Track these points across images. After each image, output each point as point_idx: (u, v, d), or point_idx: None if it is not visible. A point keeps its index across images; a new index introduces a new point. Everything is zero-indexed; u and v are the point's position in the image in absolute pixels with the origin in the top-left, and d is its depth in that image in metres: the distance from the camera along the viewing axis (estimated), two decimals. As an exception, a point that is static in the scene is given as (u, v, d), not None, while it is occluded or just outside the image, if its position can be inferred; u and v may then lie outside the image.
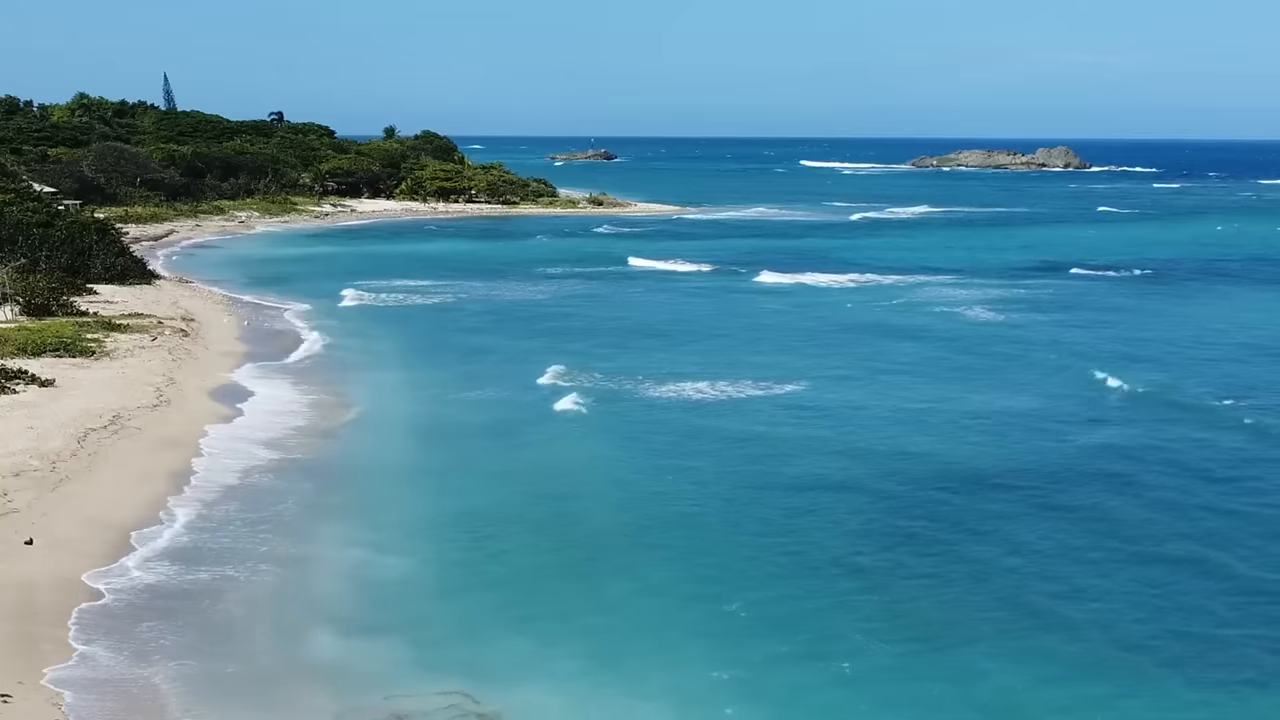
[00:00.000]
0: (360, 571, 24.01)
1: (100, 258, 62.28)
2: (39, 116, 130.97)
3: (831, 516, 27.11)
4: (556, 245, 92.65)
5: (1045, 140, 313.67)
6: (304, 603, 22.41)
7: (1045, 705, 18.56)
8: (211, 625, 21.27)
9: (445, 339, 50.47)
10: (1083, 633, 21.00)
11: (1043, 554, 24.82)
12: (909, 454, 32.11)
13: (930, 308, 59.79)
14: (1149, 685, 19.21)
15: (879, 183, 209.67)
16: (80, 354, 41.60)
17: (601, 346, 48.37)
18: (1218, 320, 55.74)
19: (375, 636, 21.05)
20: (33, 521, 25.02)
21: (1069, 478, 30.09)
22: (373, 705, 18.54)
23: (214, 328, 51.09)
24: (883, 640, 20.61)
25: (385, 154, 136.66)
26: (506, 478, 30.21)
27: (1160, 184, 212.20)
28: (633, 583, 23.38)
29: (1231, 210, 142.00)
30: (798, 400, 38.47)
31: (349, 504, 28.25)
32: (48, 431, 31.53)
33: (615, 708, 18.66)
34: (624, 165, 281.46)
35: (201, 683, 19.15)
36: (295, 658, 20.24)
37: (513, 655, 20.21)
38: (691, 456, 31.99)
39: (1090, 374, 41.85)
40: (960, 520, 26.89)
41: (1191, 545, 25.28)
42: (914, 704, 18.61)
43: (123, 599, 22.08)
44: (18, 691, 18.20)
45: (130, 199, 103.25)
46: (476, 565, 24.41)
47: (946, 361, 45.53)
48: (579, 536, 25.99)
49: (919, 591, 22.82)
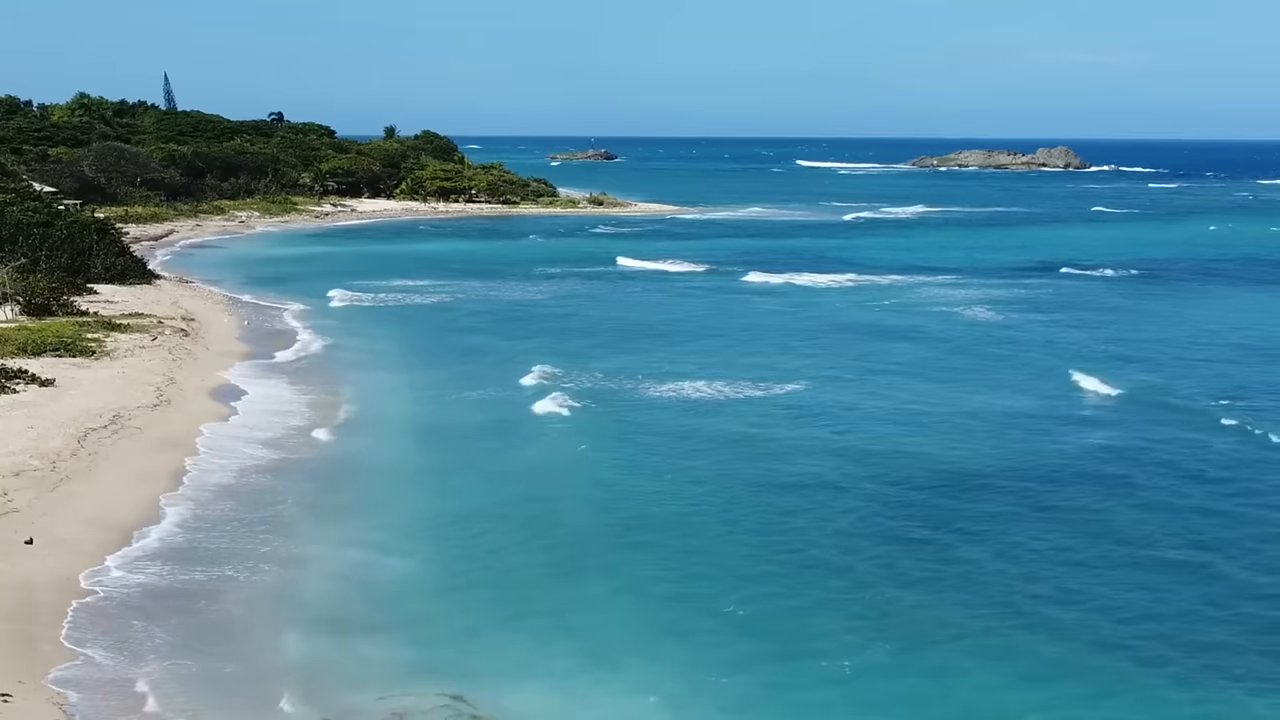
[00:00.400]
0: (357, 571, 24.22)
1: (100, 257, 62.48)
2: (39, 116, 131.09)
3: (825, 516, 27.32)
4: (555, 245, 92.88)
5: (1046, 140, 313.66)
6: (301, 602, 22.62)
7: (1033, 705, 18.77)
8: (208, 625, 21.48)
9: (443, 339, 50.70)
10: (1070, 632, 21.22)
11: (1033, 554, 25.00)
12: (901, 454, 32.31)
13: (923, 307, 60.05)
14: (1132, 685, 19.42)
15: (876, 183, 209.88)
16: (80, 354, 41.82)
17: (598, 346, 48.59)
18: (1209, 320, 55.88)
19: (370, 635, 21.27)
20: (33, 521, 25.23)
21: (1060, 478, 30.27)
22: (368, 705, 18.74)
23: (214, 327, 51.31)
24: (876, 640, 20.82)
25: (385, 154, 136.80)
26: (501, 477, 30.42)
27: (1155, 184, 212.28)
28: (625, 582, 23.60)
29: (1227, 210, 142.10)
30: (792, 400, 38.65)
31: (346, 504, 28.46)
32: (48, 431, 31.75)
33: (610, 707, 18.85)
34: (624, 165, 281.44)
35: (198, 682, 19.36)
36: (292, 657, 20.43)
37: (507, 655, 20.42)
38: (686, 456, 32.21)
39: (1081, 375, 41.94)
40: (951, 520, 27.07)
41: (1182, 546, 25.47)
42: (905, 703, 18.83)
43: (122, 599, 22.28)
44: (18, 691, 18.38)
45: (130, 199, 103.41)
46: (472, 564, 24.63)
47: (937, 362, 45.76)
48: (572, 536, 26.21)
49: (910, 592, 23.04)
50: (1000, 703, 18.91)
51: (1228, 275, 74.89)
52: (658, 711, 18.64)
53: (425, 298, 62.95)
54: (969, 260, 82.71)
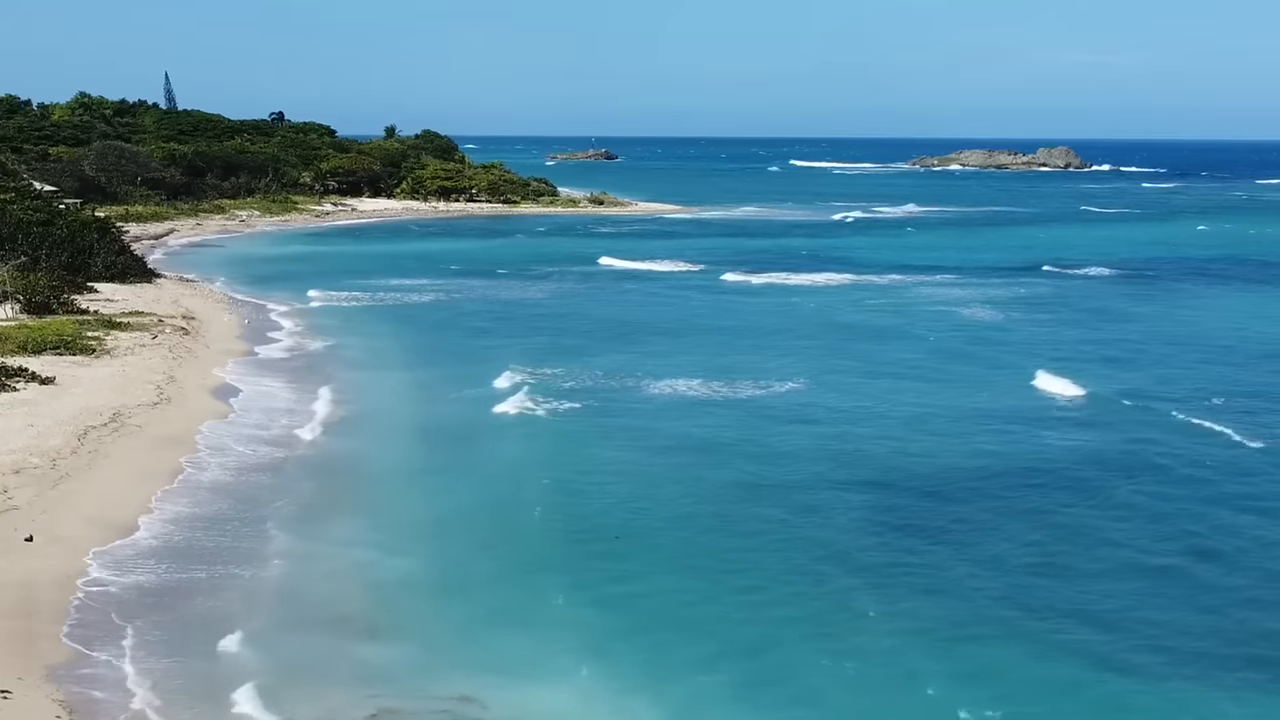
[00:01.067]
0: (359, 570, 24.19)
1: (101, 256, 62.48)
2: (39, 115, 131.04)
3: (829, 514, 27.32)
4: (555, 244, 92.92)
5: (1046, 140, 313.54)
6: (302, 601, 22.61)
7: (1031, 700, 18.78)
8: (208, 622, 21.47)
9: (440, 338, 50.80)
10: (1046, 634, 21.18)
11: (1017, 557, 24.93)
12: (895, 452, 32.33)
13: (912, 307, 60.06)
14: (1110, 689, 19.35)
15: (872, 182, 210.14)
16: (81, 352, 41.79)
17: (597, 342, 48.74)
18: (1192, 321, 55.82)
19: (367, 634, 21.27)
20: (33, 518, 25.23)
21: (1049, 480, 30.14)
22: (364, 704, 18.71)
23: (214, 326, 51.32)
24: (885, 638, 20.79)
25: (386, 153, 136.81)
26: (499, 476, 30.41)
27: (1150, 183, 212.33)
28: (627, 582, 23.56)
29: (1224, 210, 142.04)
30: (791, 399, 38.66)
31: (348, 502, 28.45)
32: (48, 429, 31.73)
33: (610, 706, 18.80)
34: (624, 165, 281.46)
35: (196, 679, 19.36)
36: (290, 655, 20.37)
37: (510, 655, 20.33)
38: (683, 453, 32.25)
39: (1050, 376, 41.58)
40: (938, 520, 27.02)
41: (1175, 548, 25.40)
42: (909, 700, 18.81)
43: (122, 596, 22.29)
44: (17, 688, 18.38)
45: (131, 198, 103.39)
46: (475, 563, 24.60)
47: (920, 361, 45.52)
48: (569, 535, 26.17)
49: (916, 590, 23.03)
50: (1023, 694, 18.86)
51: (1211, 275, 74.42)
52: (664, 712, 18.51)
53: (424, 296, 63.04)
54: (958, 259, 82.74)
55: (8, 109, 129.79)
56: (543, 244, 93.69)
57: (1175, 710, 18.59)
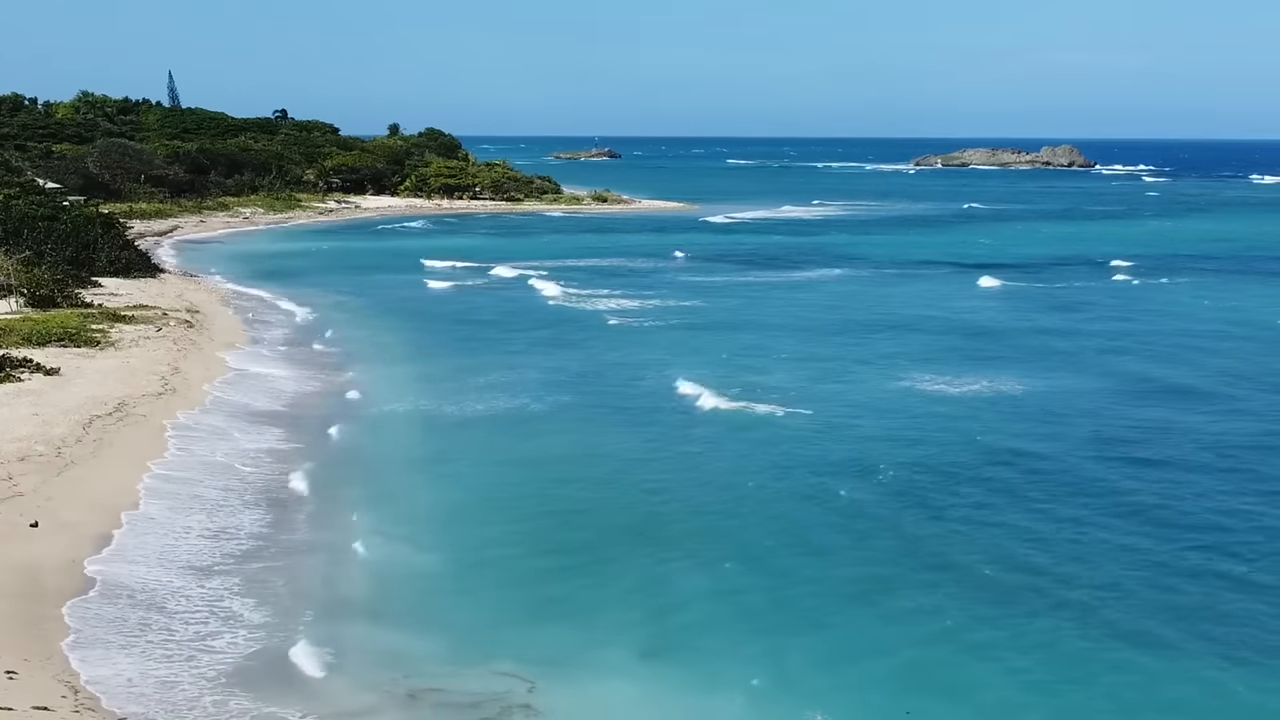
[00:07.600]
0: (369, 558, 24.10)
1: (105, 251, 62.55)
2: (43, 113, 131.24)
3: (847, 512, 27.34)
4: (556, 243, 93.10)
5: (1050, 139, 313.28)
6: (311, 589, 22.53)
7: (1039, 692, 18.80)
8: (214, 607, 21.46)
9: (447, 329, 50.90)
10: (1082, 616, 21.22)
11: (1044, 541, 25.00)
12: (885, 448, 32.34)
13: (909, 305, 59.92)
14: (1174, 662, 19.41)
15: (870, 181, 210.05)
16: (85, 344, 41.81)
17: (598, 340, 48.73)
18: (1177, 313, 55.97)
19: (382, 621, 21.27)
20: (38, 505, 25.23)
21: (1044, 474, 30.11)
22: (390, 687, 18.73)
23: (218, 319, 51.36)
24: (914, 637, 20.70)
25: (389, 151, 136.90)
26: (513, 466, 30.36)
27: (1151, 178, 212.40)
28: (648, 575, 23.43)
29: (1220, 208, 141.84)
30: (801, 396, 38.71)
31: (356, 492, 28.35)
32: (53, 418, 31.75)
33: (631, 695, 18.66)
34: (627, 163, 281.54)
35: (204, 665, 19.32)
36: (302, 639, 20.29)
37: (537, 646, 20.12)
38: (689, 443, 32.31)
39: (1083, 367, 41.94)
40: (931, 504, 27.06)
41: (1179, 538, 25.38)
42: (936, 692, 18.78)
43: (127, 581, 22.26)
44: (23, 669, 18.41)
45: (135, 195, 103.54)
46: (498, 552, 24.43)
47: (898, 353, 45.57)
48: (588, 527, 26.07)
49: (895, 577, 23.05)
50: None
51: (1195, 271, 74.26)
52: (700, 701, 18.35)
53: (433, 289, 63.03)
54: (954, 256, 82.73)
55: (12, 107, 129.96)
56: (548, 244, 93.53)
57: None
